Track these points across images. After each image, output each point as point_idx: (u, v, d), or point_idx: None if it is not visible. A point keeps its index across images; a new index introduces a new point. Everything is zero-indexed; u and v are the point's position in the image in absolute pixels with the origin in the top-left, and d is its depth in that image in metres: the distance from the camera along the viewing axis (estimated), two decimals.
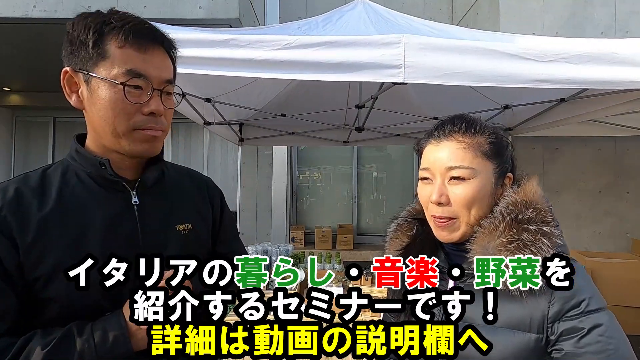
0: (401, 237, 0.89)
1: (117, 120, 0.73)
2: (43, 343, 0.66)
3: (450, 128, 0.79)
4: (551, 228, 0.72)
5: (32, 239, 0.70)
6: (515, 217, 0.72)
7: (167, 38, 0.78)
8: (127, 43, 0.71)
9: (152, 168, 0.83)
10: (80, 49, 0.72)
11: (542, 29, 3.53)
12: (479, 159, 0.76)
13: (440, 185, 0.77)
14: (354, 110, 2.88)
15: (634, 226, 4.00)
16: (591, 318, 0.67)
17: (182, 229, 0.84)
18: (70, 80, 0.75)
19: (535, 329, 0.69)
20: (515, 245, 0.69)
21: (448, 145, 0.78)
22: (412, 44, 1.54)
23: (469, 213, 0.75)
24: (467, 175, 0.75)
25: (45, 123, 5.88)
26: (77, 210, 0.74)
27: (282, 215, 4.86)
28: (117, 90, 0.71)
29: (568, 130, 3.20)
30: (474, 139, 0.78)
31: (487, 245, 0.72)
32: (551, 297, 0.69)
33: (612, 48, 1.57)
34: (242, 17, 3.26)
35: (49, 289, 0.69)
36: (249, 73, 1.58)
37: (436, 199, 0.76)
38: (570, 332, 0.67)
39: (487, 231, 0.73)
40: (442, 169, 0.77)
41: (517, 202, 0.74)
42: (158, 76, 0.75)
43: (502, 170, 0.79)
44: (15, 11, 3.08)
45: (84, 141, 0.81)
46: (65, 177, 0.77)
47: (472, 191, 0.75)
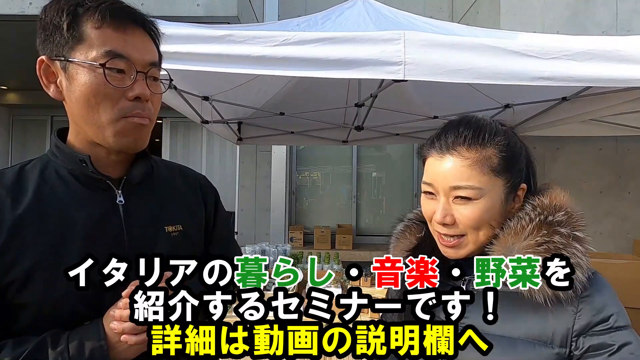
0: (409, 237, 0.86)
1: (101, 107, 0.67)
2: (13, 355, 0.62)
3: (453, 138, 0.71)
4: (584, 233, 0.68)
5: (5, 240, 0.65)
6: (545, 219, 0.68)
7: (148, 19, 0.73)
8: (105, 23, 0.66)
9: (139, 165, 0.78)
10: (55, 34, 0.67)
11: (543, 28, 3.52)
12: (486, 177, 0.69)
13: (445, 204, 0.71)
14: (353, 109, 2.87)
15: (635, 226, 4.00)
16: (620, 334, 0.64)
17: (172, 230, 0.80)
18: (47, 70, 0.70)
19: (557, 342, 0.66)
20: (545, 247, 0.65)
21: (452, 160, 0.70)
22: (412, 40, 1.52)
23: (477, 233, 0.71)
24: (473, 195, 0.69)
25: (43, 122, 5.85)
26: (57, 210, 0.70)
27: (281, 215, 4.85)
28: (97, 74, 0.66)
29: (569, 129, 3.19)
30: (481, 153, 0.69)
31: (511, 246, 0.67)
32: (577, 309, 0.65)
33: (616, 45, 1.56)
34: (241, 14, 3.24)
35: (23, 294, 0.65)
36: (247, 70, 1.56)
37: (440, 220, 0.71)
38: (598, 348, 0.64)
39: (513, 232, 0.68)
40: (445, 188, 0.71)
41: (546, 205, 0.70)
42: (141, 58, 0.70)
43: (514, 184, 0.72)
44: (12, 8, 3.06)
45: (66, 135, 0.76)
46: (43, 174, 0.72)
47: (479, 212, 0.69)
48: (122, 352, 0.66)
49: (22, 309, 0.67)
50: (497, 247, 0.69)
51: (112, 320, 0.65)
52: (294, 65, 1.53)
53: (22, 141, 5.92)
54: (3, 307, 0.66)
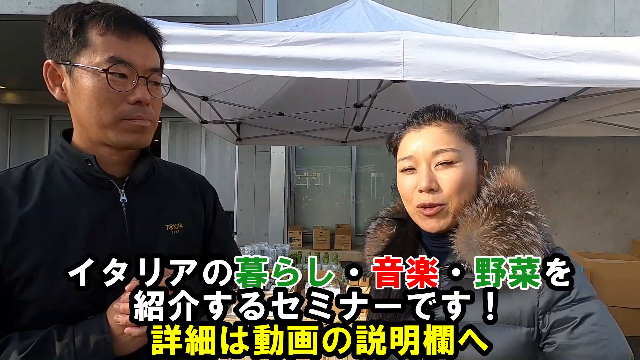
0: (381, 236, 0.88)
1: (103, 110, 0.70)
2: (20, 347, 0.64)
3: (429, 115, 0.79)
4: (535, 212, 0.70)
5: (12, 238, 0.67)
6: (497, 202, 0.71)
7: (151, 26, 0.76)
8: (109, 30, 0.70)
9: (142, 164, 0.80)
10: (61, 40, 0.70)
11: (542, 28, 3.53)
12: (462, 142, 0.76)
13: (428, 171, 0.75)
14: (352, 110, 2.87)
15: (634, 227, 4.01)
16: (583, 306, 0.65)
17: (173, 228, 0.82)
18: (53, 73, 0.73)
19: (525, 322, 0.66)
20: (500, 230, 0.68)
21: (431, 130, 0.77)
22: (411, 41, 1.53)
23: (459, 198, 0.74)
24: (454, 158, 0.74)
25: (41, 121, 5.84)
26: (61, 209, 0.72)
27: (279, 215, 4.85)
28: (100, 79, 0.69)
29: (568, 130, 3.20)
30: (453, 124, 0.77)
31: (470, 233, 0.70)
32: (540, 287, 0.66)
33: (614, 46, 1.56)
34: (240, 15, 3.24)
35: (28, 290, 0.67)
36: (246, 70, 1.56)
37: (426, 185, 0.73)
38: (562, 323, 0.65)
39: (470, 219, 0.71)
40: (427, 154, 0.75)
41: (499, 188, 0.73)
42: (142, 64, 0.73)
43: (480, 156, 0.79)
44: (10, 8, 3.05)
45: (71, 136, 0.78)
46: (49, 173, 0.75)
47: (461, 175, 0.73)
48: (125, 345, 0.67)
49: (27, 305, 0.68)
50: (459, 235, 0.72)
51: (116, 314, 0.66)
52: (293, 66, 1.53)
53: (21, 141, 5.91)
54: (8, 303, 0.68)
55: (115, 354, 0.67)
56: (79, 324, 0.67)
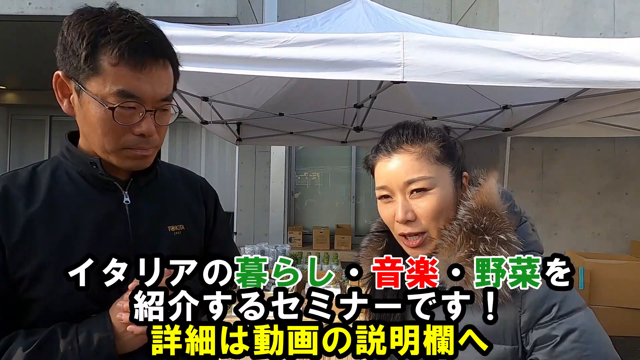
0: (371, 253, 0.86)
1: (106, 138, 0.71)
2: (25, 344, 0.64)
3: (396, 139, 0.76)
4: (508, 234, 0.68)
5: (18, 238, 0.68)
6: (471, 228, 0.70)
7: (167, 50, 0.73)
8: (122, 60, 0.66)
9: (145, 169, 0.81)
10: (73, 59, 0.68)
11: (542, 29, 3.53)
12: (434, 166, 0.73)
13: (403, 201, 0.73)
14: (352, 110, 2.88)
15: (633, 227, 4.01)
16: (564, 323, 0.64)
17: (174, 230, 0.83)
18: (63, 85, 0.72)
19: (509, 340, 0.67)
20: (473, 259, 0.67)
21: (399, 157, 0.75)
22: (411, 41, 1.53)
23: (437, 224, 0.73)
24: (427, 185, 0.72)
25: (41, 122, 5.84)
26: (66, 210, 0.73)
27: (279, 215, 4.85)
28: (106, 110, 0.68)
29: (567, 130, 3.20)
30: (423, 146, 0.74)
31: (447, 259, 0.69)
32: (521, 305, 0.66)
33: (613, 47, 1.57)
34: (240, 15, 3.25)
35: (33, 289, 0.68)
36: (247, 71, 1.57)
37: (402, 218, 0.73)
38: (543, 341, 0.65)
39: (447, 245, 0.71)
40: (400, 184, 0.73)
41: (472, 209, 0.72)
42: (152, 95, 0.70)
43: (458, 171, 0.77)
44: (11, 8, 3.05)
45: (76, 138, 0.79)
46: (55, 175, 0.75)
47: (437, 202, 0.72)
48: (127, 343, 0.68)
49: (32, 304, 0.69)
50: (438, 262, 0.70)
51: (119, 312, 0.67)
52: (294, 67, 1.53)
53: (21, 141, 5.91)
54: (15, 301, 0.68)
55: (118, 352, 0.67)
56: (82, 322, 0.68)
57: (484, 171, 0.78)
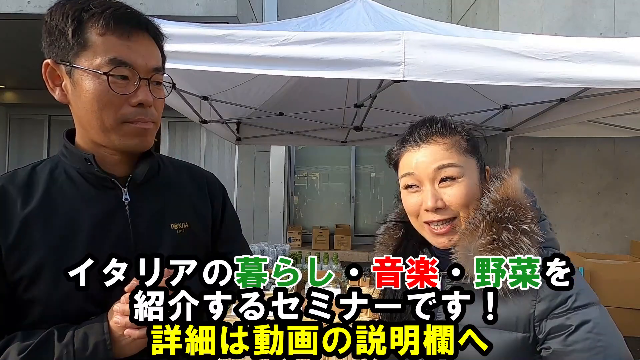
0: (388, 240, 0.88)
1: (104, 113, 0.69)
2: (21, 347, 0.64)
3: (425, 131, 0.77)
4: (531, 225, 0.70)
5: (14, 238, 0.67)
6: (495, 217, 0.71)
7: (152, 23, 0.74)
8: (109, 30, 0.67)
9: (143, 163, 0.79)
10: (60, 39, 0.68)
11: (542, 29, 3.53)
12: (462, 156, 0.75)
13: (432, 189, 0.74)
14: (352, 110, 2.87)
15: (633, 227, 4.02)
16: (579, 314, 0.66)
17: (178, 227, 0.81)
18: (53, 73, 0.71)
19: (521, 328, 0.68)
20: (495, 245, 0.68)
21: (429, 148, 0.76)
22: (412, 41, 1.53)
23: (467, 211, 0.74)
24: (457, 174, 0.74)
25: (40, 121, 5.82)
26: (64, 209, 0.71)
27: (279, 215, 4.84)
28: (101, 81, 0.68)
29: (567, 130, 3.20)
30: (452, 138, 0.76)
31: (469, 246, 0.71)
32: (537, 295, 0.67)
33: (614, 47, 1.56)
34: (240, 14, 3.24)
35: (32, 290, 0.67)
36: (247, 69, 1.56)
37: (432, 205, 0.73)
38: (557, 330, 0.66)
39: (469, 232, 0.72)
40: (429, 172, 0.74)
41: (497, 200, 0.73)
42: (144, 64, 0.71)
43: (482, 165, 0.79)
44: (10, 6, 3.04)
45: (74, 136, 0.77)
46: (53, 174, 0.74)
47: (466, 189, 0.73)
48: (125, 347, 0.67)
49: (31, 305, 0.68)
50: (458, 247, 0.73)
51: (116, 315, 0.66)
52: (294, 65, 1.53)
53: (20, 140, 5.89)
54: (13, 302, 0.68)
55: (116, 356, 0.66)
56: (80, 325, 0.67)
57: (506, 169, 0.80)
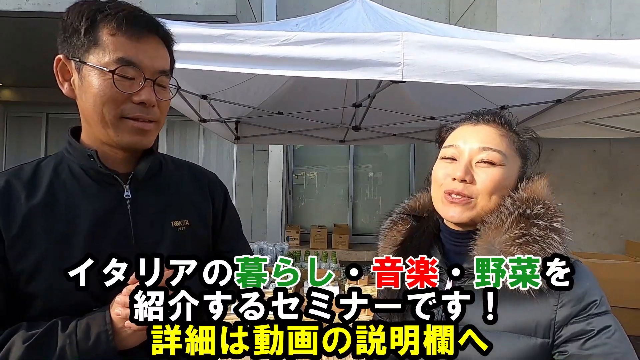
0: (395, 235, 0.87)
1: (105, 108, 0.71)
2: (26, 336, 0.65)
3: (490, 116, 0.79)
4: (561, 224, 0.69)
5: (17, 231, 0.69)
6: (523, 213, 0.70)
7: (163, 27, 0.77)
8: (120, 31, 0.70)
9: (145, 161, 0.80)
10: (73, 36, 0.71)
11: (539, 30, 3.54)
12: (511, 150, 0.76)
13: (467, 163, 0.74)
14: (350, 109, 2.88)
15: (628, 227, 4.04)
16: (600, 320, 0.66)
17: (178, 225, 0.82)
18: (63, 68, 0.74)
19: (541, 333, 0.67)
20: (524, 240, 0.67)
21: (486, 128, 0.77)
22: (411, 41, 1.53)
23: (489, 198, 0.73)
24: (498, 160, 0.73)
25: (38, 119, 5.79)
26: (67, 204, 0.73)
27: (277, 214, 4.84)
28: (106, 78, 0.70)
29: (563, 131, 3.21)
30: (510, 132, 0.77)
31: (492, 240, 0.69)
32: (559, 300, 0.66)
33: (609, 49, 1.58)
34: (240, 13, 3.23)
35: (34, 283, 0.68)
36: (246, 69, 1.57)
37: (461, 175, 0.73)
38: (577, 335, 0.66)
39: (494, 227, 0.70)
40: (474, 148, 0.74)
41: (525, 198, 0.72)
42: (151, 66, 0.73)
43: (523, 173, 0.77)
44: (8, 4, 3.03)
45: (79, 133, 0.79)
46: (57, 169, 0.76)
47: (499, 177, 0.72)
48: (126, 338, 0.67)
49: (33, 298, 0.69)
50: (480, 242, 0.71)
51: (117, 307, 0.67)
52: (294, 65, 1.53)
53: (17, 138, 5.86)
54: (15, 295, 0.69)
55: (117, 347, 0.67)
56: (83, 317, 0.68)
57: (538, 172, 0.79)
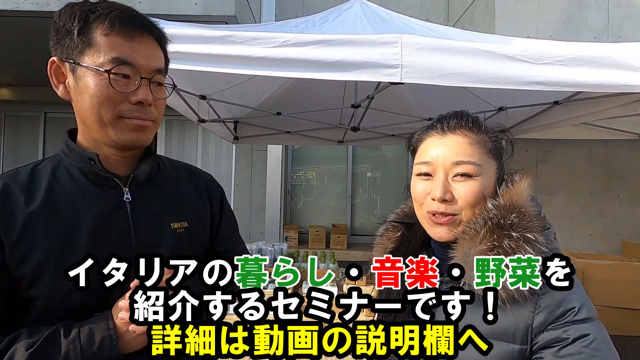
0: (386, 242, 0.86)
1: (103, 108, 0.70)
2: (28, 343, 0.64)
3: (455, 122, 0.75)
4: (535, 234, 0.67)
5: (17, 236, 0.68)
6: (497, 223, 0.68)
7: (156, 26, 0.76)
8: (114, 30, 0.69)
9: (145, 163, 0.80)
10: (66, 38, 0.70)
11: (537, 32, 3.56)
12: (485, 156, 0.73)
13: (444, 181, 0.72)
14: (349, 110, 2.88)
15: (625, 228, 4.07)
16: (577, 328, 0.63)
17: (178, 227, 0.82)
18: (58, 71, 0.73)
19: (519, 340, 0.65)
20: (495, 252, 0.66)
21: (454, 139, 0.74)
22: (409, 43, 1.54)
23: (472, 211, 0.72)
24: (474, 172, 0.71)
25: (36, 118, 5.77)
26: (66, 208, 0.72)
27: (276, 214, 4.84)
28: (102, 79, 0.69)
29: (561, 132, 3.24)
30: (479, 136, 0.74)
31: (468, 251, 0.69)
32: (536, 307, 0.65)
33: (606, 52, 1.59)
34: (239, 14, 3.24)
35: (35, 287, 0.68)
36: (245, 70, 1.57)
37: (440, 196, 0.71)
38: (553, 342, 0.64)
39: (469, 237, 0.69)
40: (446, 164, 0.72)
41: (500, 205, 0.70)
42: (146, 65, 0.72)
43: (501, 172, 0.76)
44: (6, 3, 3.02)
45: (76, 135, 0.78)
46: (55, 173, 0.75)
47: (478, 189, 0.71)
48: (130, 342, 0.67)
49: (34, 302, 0.69)
50: (457, 252, 0.70)
51: (120, 311, 0.67)
52: (293, 67, 1.54)
53: (15, 138, 5.83)
54: (16, 299, 0.68)
55: (121, 351, 0.67)
56: (85, 321, 0.68)
57: (519, 171, 0.77)
